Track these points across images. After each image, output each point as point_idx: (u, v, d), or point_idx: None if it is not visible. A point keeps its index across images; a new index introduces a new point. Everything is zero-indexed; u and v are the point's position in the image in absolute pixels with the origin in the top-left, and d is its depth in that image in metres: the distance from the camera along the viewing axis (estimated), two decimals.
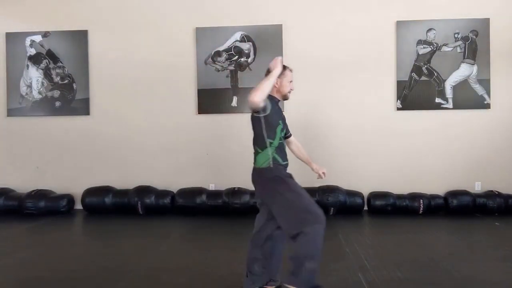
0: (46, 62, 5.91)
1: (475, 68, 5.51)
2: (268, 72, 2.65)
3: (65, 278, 3.18)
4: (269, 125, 2.64)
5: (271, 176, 2.63)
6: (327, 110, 5.62)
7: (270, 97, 2.68)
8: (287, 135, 2.90)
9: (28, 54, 5.91)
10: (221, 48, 5.70)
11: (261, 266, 2.72)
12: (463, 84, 5.53)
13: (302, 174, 3.36)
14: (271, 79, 2.56)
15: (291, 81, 2.80)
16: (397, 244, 4.02)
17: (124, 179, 5.77)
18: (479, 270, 3.24)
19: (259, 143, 2.67)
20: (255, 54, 5.67)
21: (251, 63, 5.68)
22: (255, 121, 2.67)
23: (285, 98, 2.83)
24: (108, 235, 4.59)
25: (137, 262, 3.51)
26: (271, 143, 2.65)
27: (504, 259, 3.51)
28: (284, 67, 2.76)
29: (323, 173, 2.89)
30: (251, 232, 2.85)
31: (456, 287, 2.92)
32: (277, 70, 2.58)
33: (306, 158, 2.97)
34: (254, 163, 2.71)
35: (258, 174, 2.68)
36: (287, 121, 2.91)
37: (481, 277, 3.08)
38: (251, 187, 5.61)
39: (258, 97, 2.48)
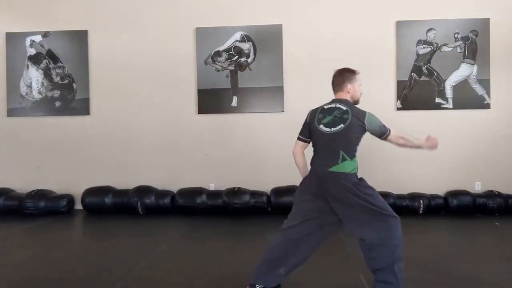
0: (46, 62, 5.91)
1: (475, 68, 5.51)
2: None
3: (64, 278, 3.18)
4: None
5: (357, 180, 2.65)
6: None
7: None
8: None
9: (28, 54, 5.91)
10: (221, 48, 5.70)
11: (286, 269, 2.70)
12: (463, 84, 5.53)
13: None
14: (416, 145, 2.77)
15: (361, 85, 2.83)
16: None
17: (124, 179, 5.77)
18: (479, 270, 3.24)
19: (350, 152, 2.65)
20: (255, 54, 5.67)
21: (251, 63, 5.68)
22: (359, 135, 2.67)
23: (357, 103, 2.81)
24: (108, 235, 4.59)
25: (137, 262, 3.51)
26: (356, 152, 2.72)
27: (504, 259, 3.51)
28: (354, 71, 2.79)
29: None
30: (251, 232, 2.84)
31: (456, 287, 2.92)
32: (426, 147, 2.75)
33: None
34: (334, 167, 2.62)
35: (343, 178, 2.60)
36: (286, 119, 2.92)
37: (480, 277, 3.08)
38: (251, 187, 5.68)
39: (400, 146, 2.78)
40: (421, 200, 5.27)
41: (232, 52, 5.69)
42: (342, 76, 2.79)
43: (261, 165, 5.69)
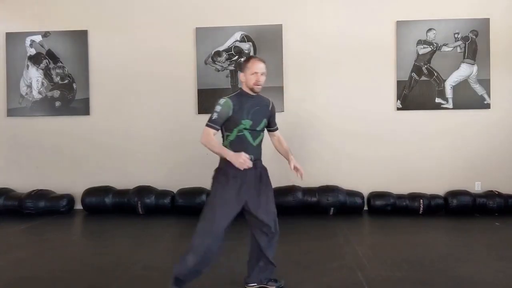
0: (46, 62, 5.91)
1: (475, 68, 5.51)
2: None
3: (63, 278, 3.19)
4: (229, 123, 2.67)
5: (218, 168, 2.79)
6: (327, 110, 5.62)
7: (239, 94, 2.72)
8: (271, 129, 2.97)
9: (28, 54, 5.91)
10: (221, 48, 5.70)
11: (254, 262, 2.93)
12: (463, 84, 5.53)
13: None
14: (216, 150, 2.64)
15: (255, 73, 2.64)
16: (396, 244, 4.02)
17: (124, 179, 5.76)
18: (478, 270, 3.24)
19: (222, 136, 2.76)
20: (255, 54, 5.66)
21: None
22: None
23: (253, 91, 2.71)
24: (108, 235, 4.59)
25: (136, 262, 3.51)
26: (228, 135, 2.71)
27: (504, 259, 3.51)
28: (248, 59, 2.74)
29: (301, 174, 2.79)
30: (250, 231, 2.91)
31: (455, 287, 2.92)
32: (224, 155, 2.61)
33: (285, 153, 2.96)
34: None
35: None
36: (286, 119, 2.94)
37: (480, 277, 3.08)
38: None
39: (203, 143, 2.65)
40: (421, 200, 5.26)
41: (232, 52, 5.69)
42: (239, 67, 2.89)
43: None
